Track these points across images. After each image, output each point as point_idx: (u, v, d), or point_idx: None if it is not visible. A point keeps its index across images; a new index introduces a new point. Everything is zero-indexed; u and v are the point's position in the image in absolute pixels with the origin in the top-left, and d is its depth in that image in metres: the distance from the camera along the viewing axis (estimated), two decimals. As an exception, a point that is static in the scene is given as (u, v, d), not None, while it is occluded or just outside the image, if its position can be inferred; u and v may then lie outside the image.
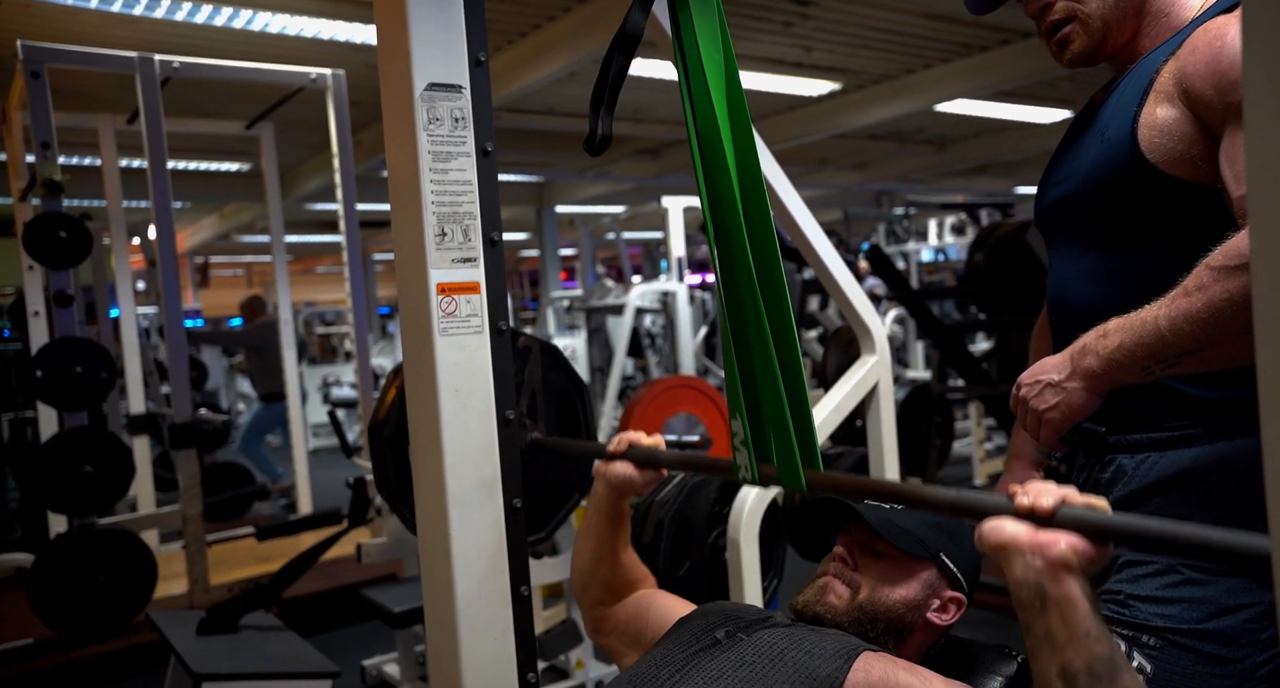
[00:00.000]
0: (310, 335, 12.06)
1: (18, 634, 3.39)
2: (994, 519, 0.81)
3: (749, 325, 1.05)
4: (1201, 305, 0.93)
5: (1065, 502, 0.77)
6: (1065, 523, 0.77)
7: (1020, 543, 0.78)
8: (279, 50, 5.46)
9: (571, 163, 9.66)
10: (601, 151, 1.18)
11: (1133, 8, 1.14)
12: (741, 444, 1.08)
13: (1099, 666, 0.75)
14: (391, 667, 3.18)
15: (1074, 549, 0.76)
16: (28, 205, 4.11)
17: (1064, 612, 0.76)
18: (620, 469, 1.25)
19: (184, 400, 3.60)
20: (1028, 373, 1.13)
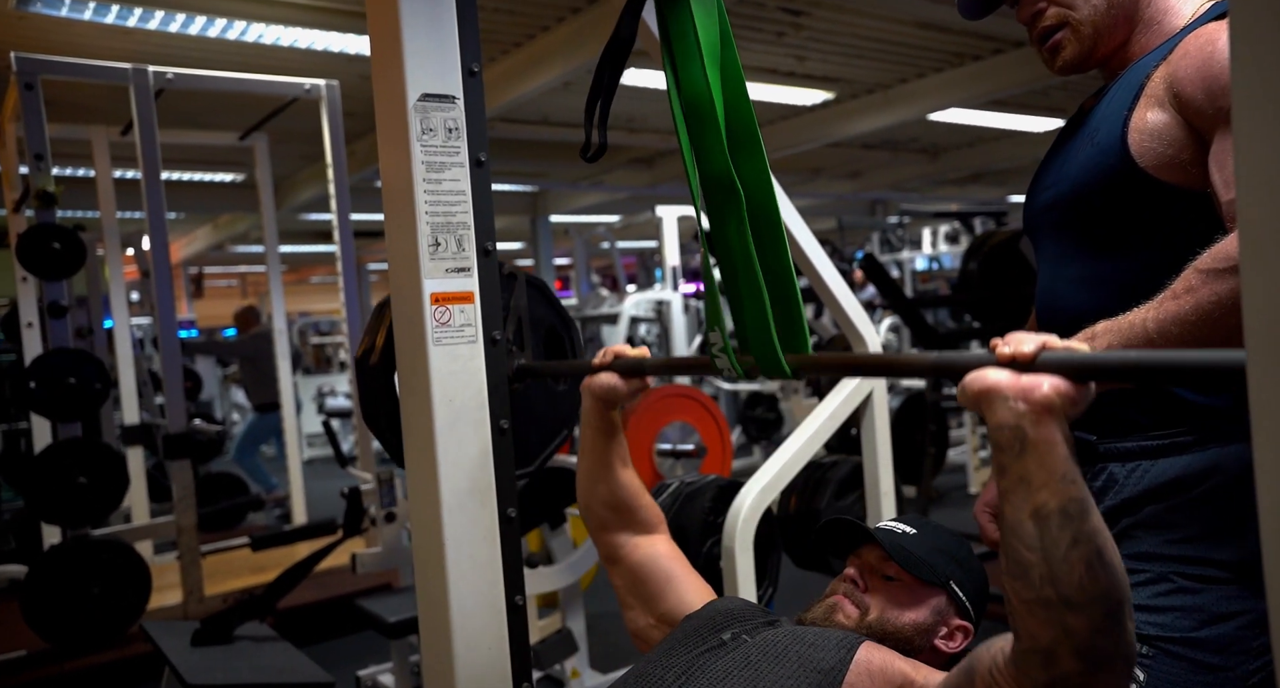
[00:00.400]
0: (305, 345, 12.04)
1: (11, 646, 3.37)
2: (977, 370, 0.81)
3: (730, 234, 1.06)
4: (1189, 308, 0.92)
5: (1045, 347, 0.78)
6: (1047, 366, 0.77)
7: (1003, 387, 0.78)
8: (273, 61, 5.47)
9: (566, 172, 9.68)
10: (597, 160, 1.18)
11: (1124, 14, 1.15)
12: (720, 351, 1.10)
13: (1072, 506, 0.76)
14: (387, 677, 3.16)
15: (1056, 390, 0.76)
16: (21, 216, 4.11)
17: (1042, 454, 0.76)
18: (605, 379, 1.24)
19: (178, 411, 3.59)
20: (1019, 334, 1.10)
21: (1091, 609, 0.76)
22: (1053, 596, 0.76)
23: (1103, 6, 1.14)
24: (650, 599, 1.27)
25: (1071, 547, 0.76)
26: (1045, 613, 0.77)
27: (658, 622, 1.26)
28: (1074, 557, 0.76)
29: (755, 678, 1.00)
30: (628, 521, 1.32)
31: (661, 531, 1.35)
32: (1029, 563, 0.77)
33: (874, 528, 1.20)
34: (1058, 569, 0.76)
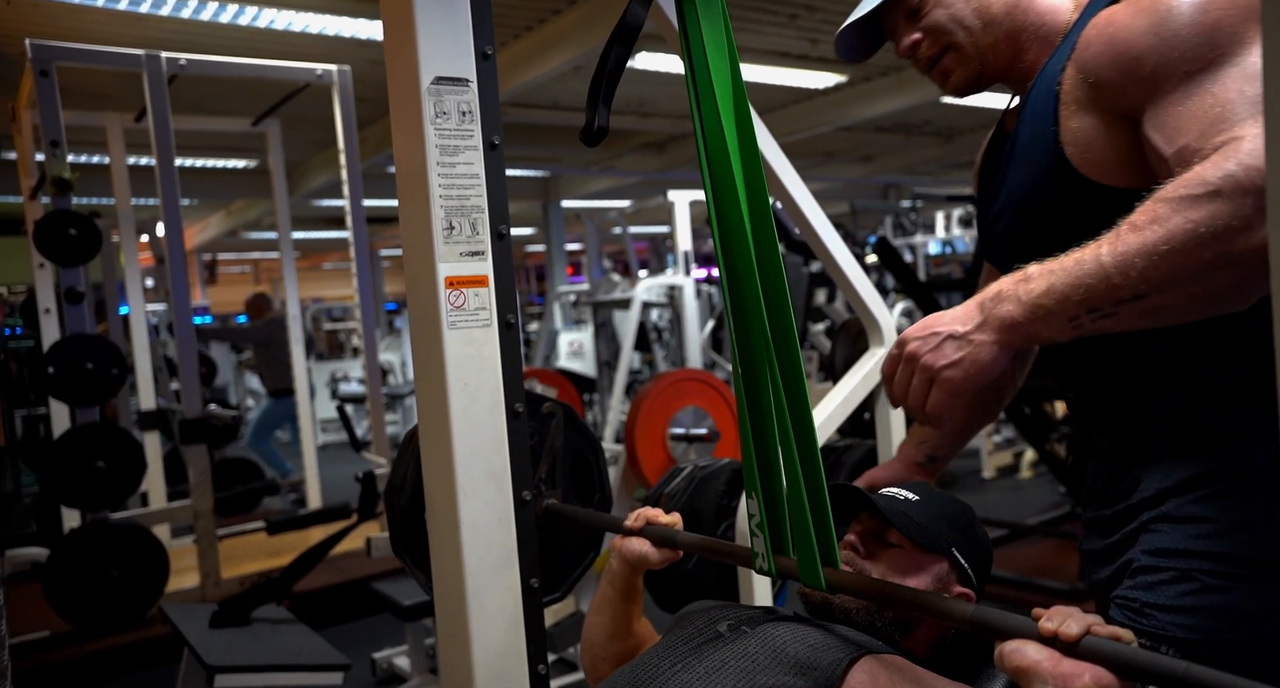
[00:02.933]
0: (318, 331, 12.10)
1: (34, 627, 3.42)
2: (1016, 642, 0.79)
3: (762, 396, 0.99)
4: (1158, 238, 0.81)
5: (1091, 631, 0.75)
6: (1090, 655, 0.74)
7: (1042, 671, 0.76)
8: (285, 47, 5.46)
9: (578, 157, 9.66)
10: (598, 143, 1.16)
11: (1005, 28, 1.11)
12: (757, 527, 1.04)
13: None
14: (402, 659, 3.19)
15: (1098, 682, 0.74)
16: (38, 203, 4.14)
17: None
18: (637, 547, 1.23)
19: (194, 396, 3.62)
20: (917, 326, 0.96)
21: None
22: None
23: (978, 26, 1.11)
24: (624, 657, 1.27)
25: None
26: None
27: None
28: None
29: (752, 671, 0.98)
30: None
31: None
32: None
33: (876, 494, 1.19)
34: None
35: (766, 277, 0.99)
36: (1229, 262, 0.79)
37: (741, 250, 1.00)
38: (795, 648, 1.01)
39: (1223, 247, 0.78)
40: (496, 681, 1.21)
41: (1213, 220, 0.79)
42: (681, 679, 0.99)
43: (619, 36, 1.15)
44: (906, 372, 0.95)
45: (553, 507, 1.30)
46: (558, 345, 7.62)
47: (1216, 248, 0.78)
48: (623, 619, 1.29)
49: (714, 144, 1.04)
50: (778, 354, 0.98)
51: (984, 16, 1.11)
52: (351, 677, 2.44)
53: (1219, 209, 0.79)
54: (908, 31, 1.17)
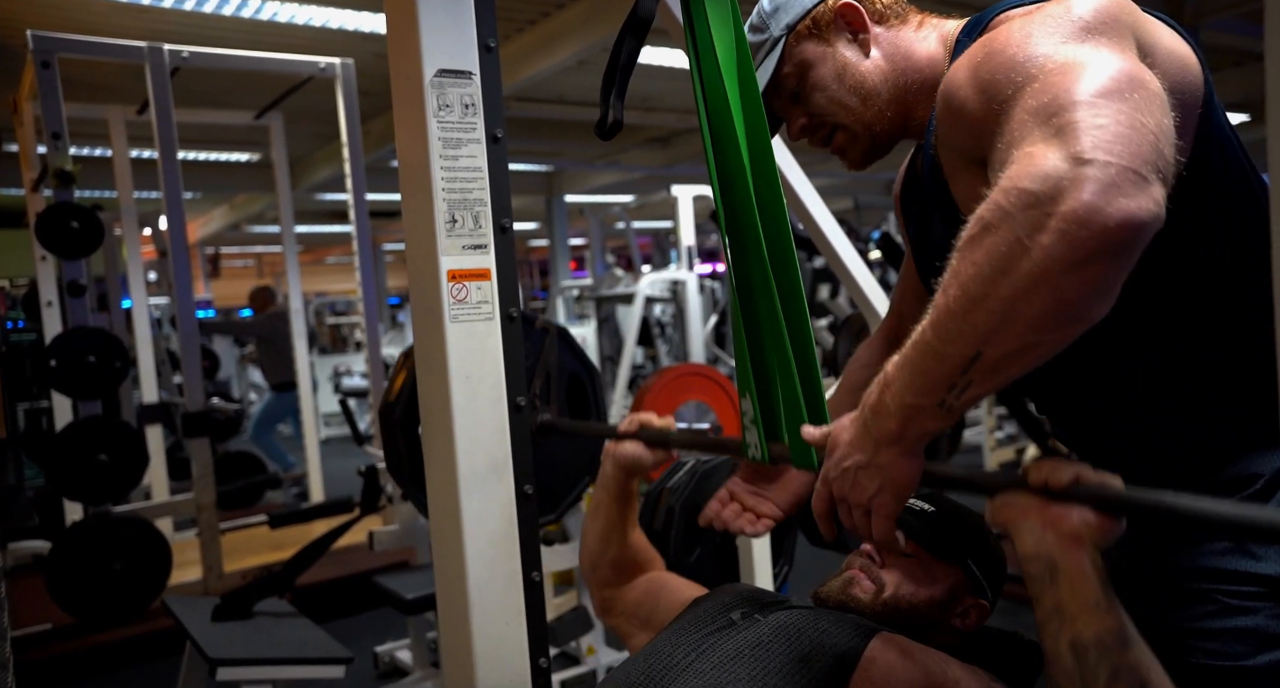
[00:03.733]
0: (321, 325, 12.11)
1: (36, 620, 3.43)
2: (1006, 493, 0.81)
3: (759, 303, 1.03)
4: (955, 293, 0.76)
5: (1079, 478, 0.77)
6: (1078, 497, 0.76)
7: (1032, 516, 0.78)
8: (288, 39, 5.46)
9: (581, 152, 9.64)
10: (612, 137, 1.16)
11: (885, 99, 1.09)
12: (751, 423, 1.07)
13: (1108, 637, 0.75)
14: (404, 653, 3.20)
15: (1086, 522, 0.75)
16: (40, 196, 4.13)
17: (1074, 584, 0.76)
18: (630, 449, 1.25)
19: (196, 390, 3.62)
20: (829, 463, 0.92)
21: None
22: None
23: (857, 103, 1.10)
24: (649, 617, 1.28)
25: (1112, 680, 0.74)
26: None
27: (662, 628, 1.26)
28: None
29: (767, 659, 0.99)
30: (631, 576, 1.34)
31: (656, 567, 1.37)
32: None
33: None
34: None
35: (761, 186, 1.00)
36: (1026, 286, 0.72)
37: (737, 169, 1.02)
38: (810, 635, 1.01)
39: (1012, 275, 0.72)
40: (498, 674, 1.21)
41: (991, 255, 0.73)
42: (696, 669, 1.00)
43: (630, 29, 1.13)
44: (844, 512, 0.93)
45: (548, 421, 1.31)
46: (560, 340, 7.61)
47: (1007, 279, 0.73)
48: (618, 524, 1.30)
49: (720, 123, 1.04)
50: (772, 259, 1.00)
51: (861, 92, 1.10)
52: (353, 670, 2.44)
53: (992, 241, 0.74)
54: (796, 115, 1.16)
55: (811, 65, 1.12)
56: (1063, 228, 0.70)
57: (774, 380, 1.04)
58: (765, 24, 1.15)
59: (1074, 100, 0.76)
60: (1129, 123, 0.73)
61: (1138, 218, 0.69)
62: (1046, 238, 0.70)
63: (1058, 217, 0.70)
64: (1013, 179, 0.74)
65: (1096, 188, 0.69)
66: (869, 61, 1.10)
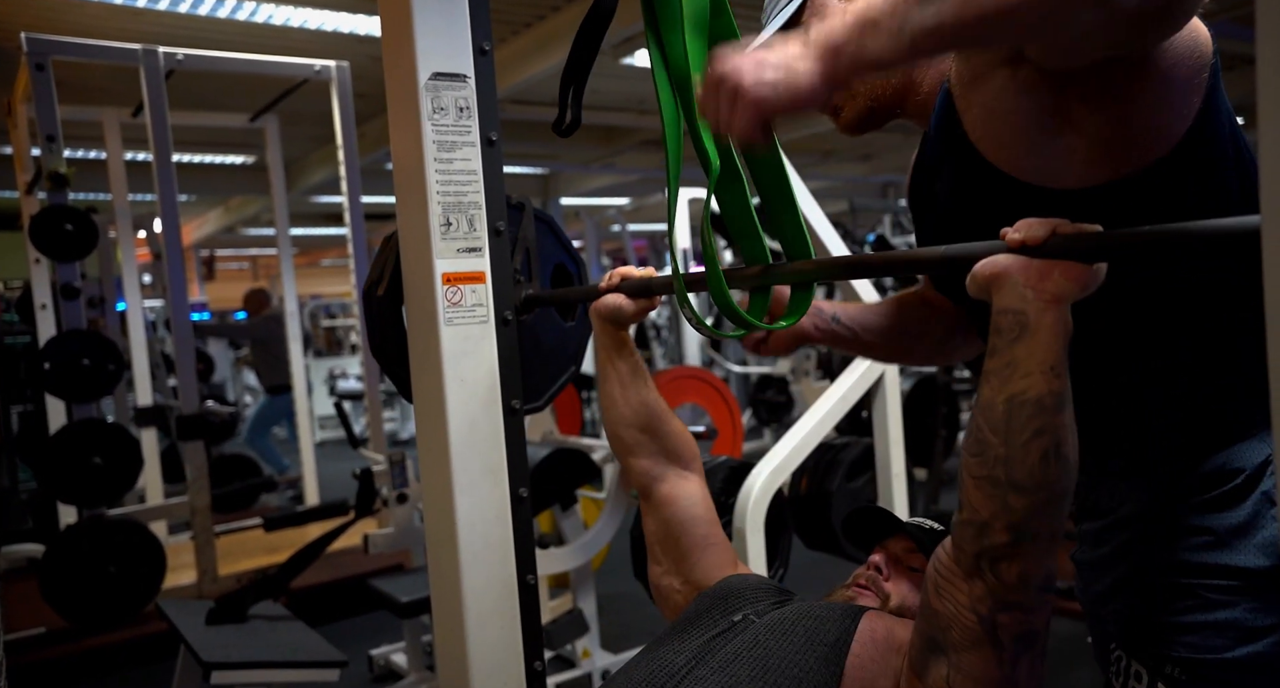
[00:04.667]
0: (316, 328, 12.08)
1: (30, 623, 3.42)
2: (988, 258, 0.80)
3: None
4: None
5: (1056, 231, 0.77)
6: (1057, 249, 0.76)
7: (1012, 271, 0.78)
8: (283, 42, 5.45)
9: (577, 155, 9.64)
10: (570, 134, 1.17)
11: None
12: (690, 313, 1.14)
13: (1049, 399, 0.77)
14: (399, 656, 3.19)
15: (1066, 275, 0.76)
16: (34, 198, 4.13)
17: (1039, 340, 0.77)
18: (611, 299, 1.24)
19: (191, 393, 3.61)
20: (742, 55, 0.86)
21: (1035, 495, 0.79)
22: (1002, 476, 0.79)
23: None
24: (681, 560, 1.24)
25: (1034, 436, 0.78)
26: (991, 490, 0.80)
27: (683, 586, 1.24)
28: (1033, 446, 0.78)
29: (764, 657, 1.00)
30: (658, 444, 1.29)
31: (696, 469, 1.31)
32: (988, 443, 0.80)
33: (904, 522, 1.20)
34: (1014, 454, 0.79)
35: None
36: None
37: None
38: (804, 625, 1.03)
39: None
40: (493, 677, 1.21)
41: None
42: (697, 675, 1.00)
43: (592, 24, 1.15)
44: (710, 101, 0.88)
45: (532, 294, 1.30)
46: (556, 343, 7.62)
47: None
48: (623, 378, 1.28)
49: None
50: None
51: None
52: (348, 674, 2.43)
53: None
54: None
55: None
56: None
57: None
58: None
59: None
60: None
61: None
62: None
63: None
64: None
65: None
66: None
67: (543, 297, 1.32)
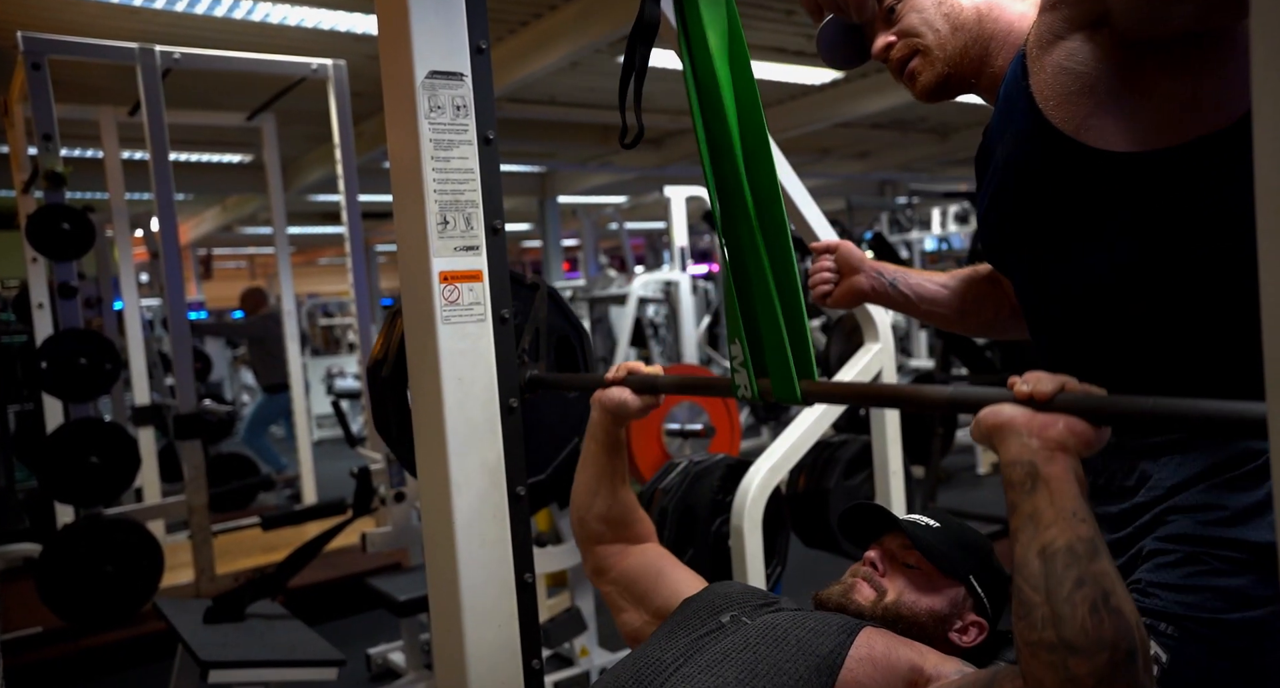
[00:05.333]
0: (313, 327, 12.07)
1: (27, 623, 3.41)
2: (993, 406, 0.81)
3: (747, 258, 1.06)
4: None
5: (1064, 388, 0.78)
6: (1063, 406, 0.77)
7: (1017, 423, 0.79)
8: (280, 41, 5.44)
9: (574, 153, 9.64)
10: (635, 146, 1.18)
11: (972, 34, 1.14)
12: (740, 366, 1.10)
13: (1079, 545, 0.76)
14: (397, 655, 3.19)
15: (1071, 429, 0.76)
16: (31, 198, 4.12)
17: (1054, 491, 0.77)
18: (616, 393, 1.25)
19: (188, 392, 3.61)
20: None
21: (1095, 656, 0.73)
22: (1054, 639, 0.74)
23: (946, 30, 1.14)
24: (643, 597, 1.28)
25: (1076, 587, 0.74)
26: (1048, 657, 0.75)
27: (653, 619, 1.26)
28: (1077, 598, 0.74)
29: (754, 661, 0.99)
30: (621, 535, 1.33)
31: (651, 539, 1.37)
32: (1032, 603, 0.76)
33: (901, 520, 1.20)
34: (1061, 610, 0.74)
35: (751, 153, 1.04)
36: None
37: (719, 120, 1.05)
38: (797, 634, 1.02)
39: None
40: (491, 675, 1.21)
41: None
42: (684, 673, 1.00)
43: (639, 35, 1.16)
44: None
45: (536, 376, 1.31)
46: (553, 341, 7.61)
47: None
48: (606, 474, 1.30)
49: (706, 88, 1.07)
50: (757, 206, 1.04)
51: (953, 20, 1.14)
52: (346, 672, 2.44)
53: None
54: (883, 33, 1.20)
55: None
56: None
57: (760, 323, 1.08)
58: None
59: None
60: None
61: None
62: None
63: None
64: None
65: None
66: (969, 1, 1.15)
67: (547, 380, 1.32)
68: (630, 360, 1.35)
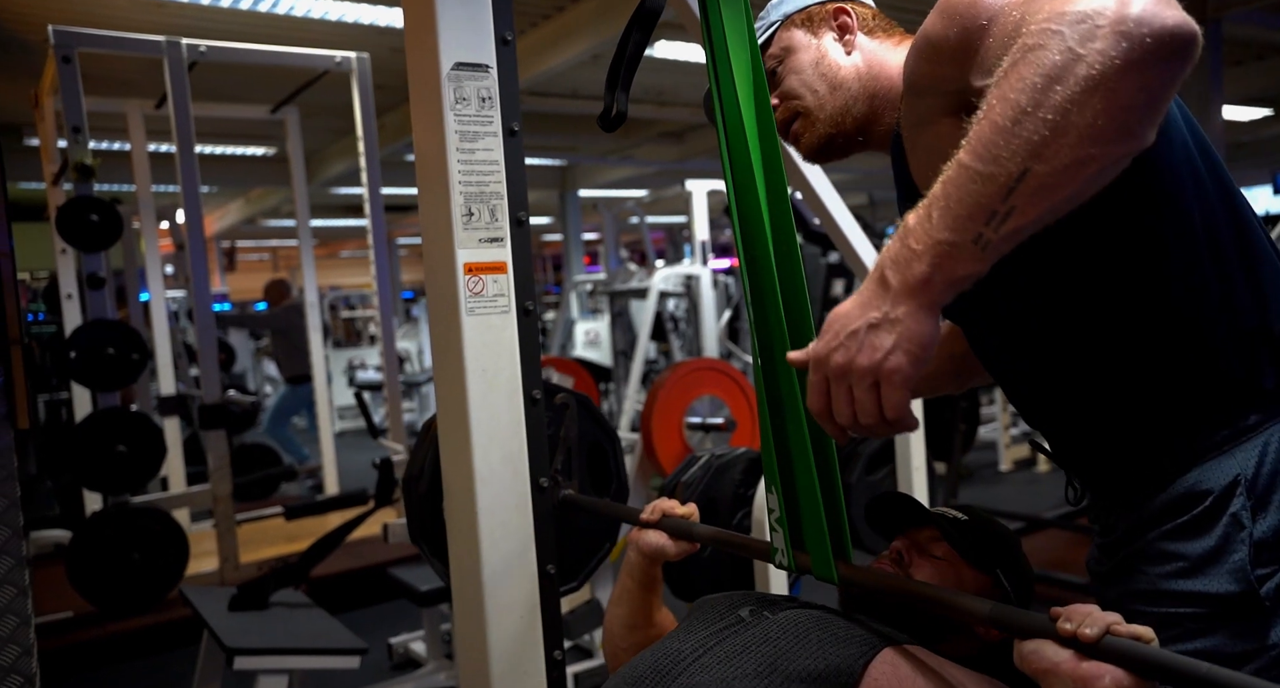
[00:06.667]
0: (335, 319, 12.16)
1: (57, 608, 3.47)
2: (1035, 642, 0.79)
3: (785, 397, 0.99)
4: (1000, 110, 0.73)
5: (1110, 631, 0.75)
6: (1109, 655, 0.74)
7: (1063, 673, 0.76)
8: (304, 34, 5.48)
9: (595, 147, 9.64)
10: (615, 128, 1.17)
11: (852, 93, 1.13)
12: (777, 522, 1.04)
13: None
14: (418, 644, 3.22)
15: (1119, 685, 0.74)
16: (60, 189, 4.17)
17: None
18: (654, 539, 1.23)
19: (213, 382, 3.65)
20: (821, 341, 0.82)
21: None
22: None
23: (825, 90, 1.14)
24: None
25: None
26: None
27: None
28: None
29: (773, 656, 0.98)
30: None
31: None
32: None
33: (928, 510, 1.19)
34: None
35: (784, 266, 0.99)
36: (1082, 90, 0.71)
37: (760, 239, 1.00)
38: (818, 635, 1.00)
39: (1066, 80, 0.71)
40: (512, 666, 1.22)
41: (1040, 66, 0.72)
42: (702, 663, 0.99)
43: (638, 21, 1.15)
44: (842, 390, 0.81)
45: (569, 498, 1.31)
46: (574, 335, 7.63)
47: (1061, 86, 0.72)
48: (641, 610, 1.29)
49: (734, 132, 1.04)
50: (794, 344, 0.97)
51: (831, 80, 1.14)
52: (368, 661, 2.46)
53: (1040, 55, 0.73)
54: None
55: (794, 51, 1.17)
56: (1121, 30, 0.70)
57: (797, 484, 1.01)
58: (768, 12, 1.22)
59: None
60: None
61: (1189, 25, 0.71)
62: (1101, 42, 0.70)
63: (1112, 23, 0.70)
64: (1052, 10, 0.74)
65: (1145, 2, 0.71)
66: (848, 61, 1.15)
67: (580, 503, 1.31)
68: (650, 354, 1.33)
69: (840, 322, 0.81)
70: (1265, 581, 0.89)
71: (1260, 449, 0.92)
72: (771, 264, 0.99)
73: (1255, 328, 0.94)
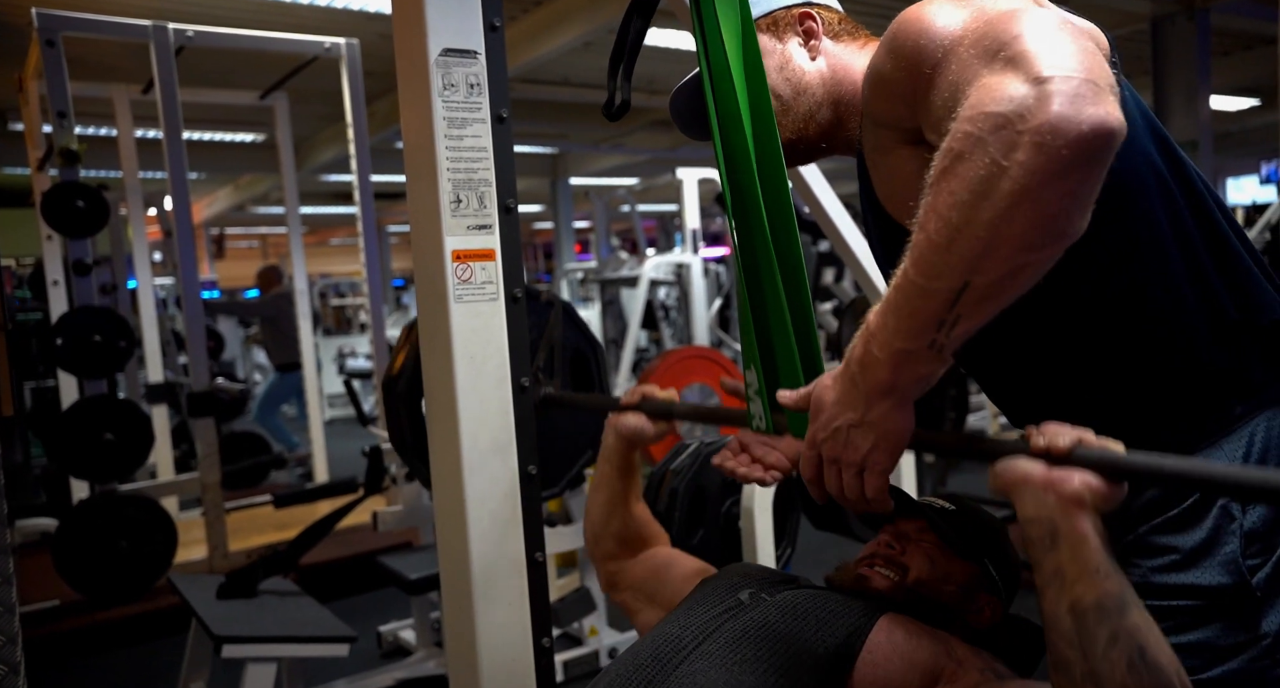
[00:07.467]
0: (325, 307, 12.12)
1: (43, 596, 3.46)
2: (1008, 458, 0.81)
3: (763, 280, 1.04)
4: (935, 226, 0.76)
5: (1081, 442, 0.77)
6: (1080, 461, 0.77)
7: (1033, 479, 0.78)
8: (293, 19, 5.43)
9: (586, 134, 9.61)
10: (620, 118, 1.17)
11: (817, 98, 1.12)
12: (755, 394, 1.08)
13: (1109, 601, 0.75)
14: (407, 633, 3.22)
15: (1088, 486, 0.76)
16: (45, 175, 4.13)
17: (1075, 548, 0.76)
18: (632, 420, 1.25)
19: (201, 370, 3.63)
20: (815, 425, 0.91)
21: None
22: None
23: (789, 94, 1.12)
24: (655, 593, 1.28)
25: (1110, 644, 0.74)
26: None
27: (667, 612, 1.26)
28: (1114, 655, 0.74)
29: (773, 639, 0.99)
30: (635, 549, 1.34)
31: (662, 543, 1.37)
32: (1069, 660, 0.76)
33: (914, 499, 1.20)
34: (1098, 668, 0.75)
35: (765, 167, 1.02)
36: (1008, 205, 0.72)
37: (741, 152, 1.03)
38: (816, 613, 1.02)
39: (993, 196, 0.73)
40: (501, 654, 1.22)
41: (968, 181, 0.74)
42: (704, 650, 1.00)
43: (637, 8, 1.14)
44: (833, 472, 0.91)
45: (550, 395, 1.32)
46: (564, 323, 7.62)
47: (988, 202, 0.73)
48: (620, 497, 1.31)
49: (727, 118, 1.04)
50: (775, 237, 1.02)
51: (795, 85, 1.12)
52: (357, 649, 2.46)
53: (966, 167, 0.74)
54: None
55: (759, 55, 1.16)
56: (1038, 141, 0.71)
57: (776, 353, 1.05)
58: None
59: (1016, 34, 0.78)
60: (1077, 46, 0.75)
61: (1108, 123, 0.71)
62: (1022, 154, 0.71)
63: (1030, 132, 0.71)
64: (976, 107, 0.75)
65: (1063, 100, 0.71)
66: (813, 66, 1.14)
67: (562, 400, 1.32)
68: (640, 342, 1.35)
69: (827, 413, 0.90)
70: (1256, 571, 0.90)
71: (1247, 439, 0.93)
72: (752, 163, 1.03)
73: (1237, 321, 0.94)
